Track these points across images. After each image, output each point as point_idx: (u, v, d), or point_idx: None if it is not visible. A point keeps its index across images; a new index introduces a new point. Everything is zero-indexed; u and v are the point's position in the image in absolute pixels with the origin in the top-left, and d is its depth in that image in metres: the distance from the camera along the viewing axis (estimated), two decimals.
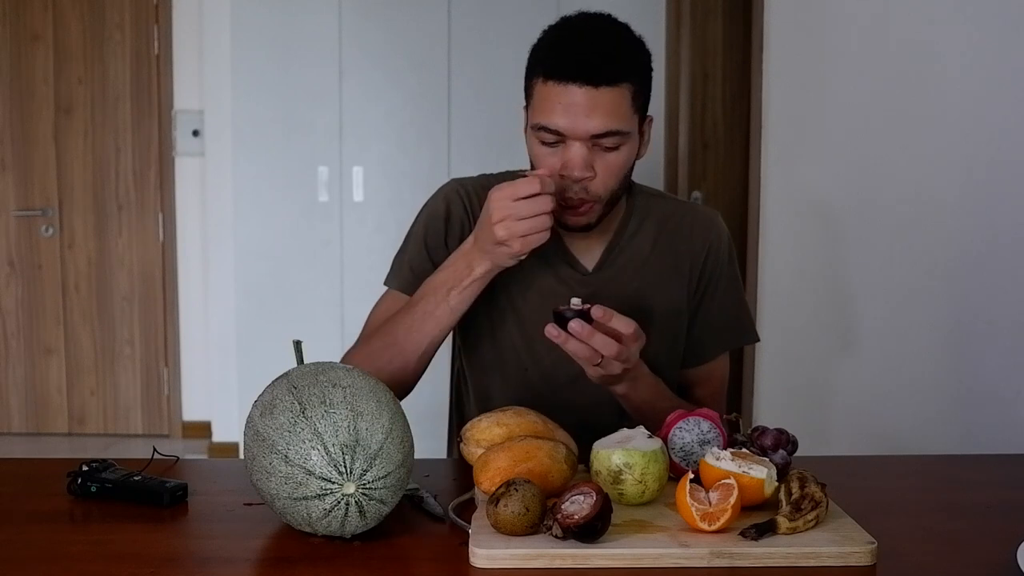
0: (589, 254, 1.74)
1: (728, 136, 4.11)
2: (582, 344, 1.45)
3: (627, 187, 1.68)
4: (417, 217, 1.80)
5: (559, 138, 1.54)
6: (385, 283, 1.79)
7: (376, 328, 1.71)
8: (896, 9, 2.51)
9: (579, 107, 1.51)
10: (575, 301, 1.47)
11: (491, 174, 1.82)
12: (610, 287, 1.73)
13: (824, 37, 2.90)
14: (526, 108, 1.64)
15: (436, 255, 1.73)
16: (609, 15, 1.61)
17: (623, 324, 1.47)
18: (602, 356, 1.46)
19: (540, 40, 1.61)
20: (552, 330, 1.45)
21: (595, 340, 1.44)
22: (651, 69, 1.62)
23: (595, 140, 1.54)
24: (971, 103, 2.15)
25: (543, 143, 1.57)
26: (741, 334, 1.86)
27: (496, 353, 1.76)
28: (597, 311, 1.44)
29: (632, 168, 1.64)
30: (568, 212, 1.61)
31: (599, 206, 1.61)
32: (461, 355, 1.85)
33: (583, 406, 1.60)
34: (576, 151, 1.54)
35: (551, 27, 1.61)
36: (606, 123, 1.52)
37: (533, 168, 1.63)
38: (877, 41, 2.59)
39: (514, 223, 1.48)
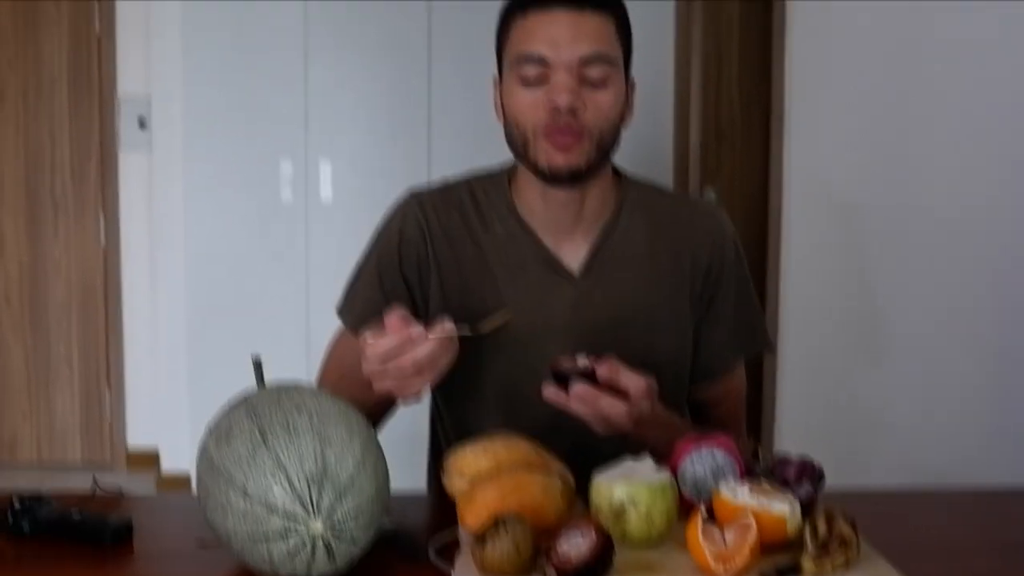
0: (574, 254, 1.74)
1: (745, 126, 4.12)
2: (586, 407, 1.46)
3: (615, 142, 1.68)
4: (371, 243, 1.83)
5: (543, 71, 1.59)
6: (338, 314, 1.81)
7: (329, 381, 1.76)
8: None
9: (564, 30, 1.58)
10: (581, 360, 1.47)
11: (451, 182, 1.83)
12: (599, 290, 1.72)
13: (854, 15, 2.91)
14: (499, 73, 1.69)
15: (390, 289, 1.76)
16: None
17: (632, 381, 1.47)
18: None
19: None
20: (551, 392, 1.46)
21: (601, 403, 1.45)
22: (629, 22, 1.68)
23: (582, 68, 1.58)
24: None
25: (525, 83, 1.61)
26: (755, 341, 1.87)
27: (474, 381, 1.74)
28: (603, 371, 1.44)
29: (620, 125, 1.67)
30: (556, 147, 1.61)
31: (589, 145, 1.62)
32: (432, 389, 1.86)
33: (579, 432, 1.58)
34: (562, 79, 1.58)
35: None
36: (592, 46, 1.59)
37: (511, 124, 1.65)
38: (915, 19, 2.59)
39: (381, 382, 1.46)
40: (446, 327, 1.44)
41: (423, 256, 1.76)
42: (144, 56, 4.88)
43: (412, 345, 1.42)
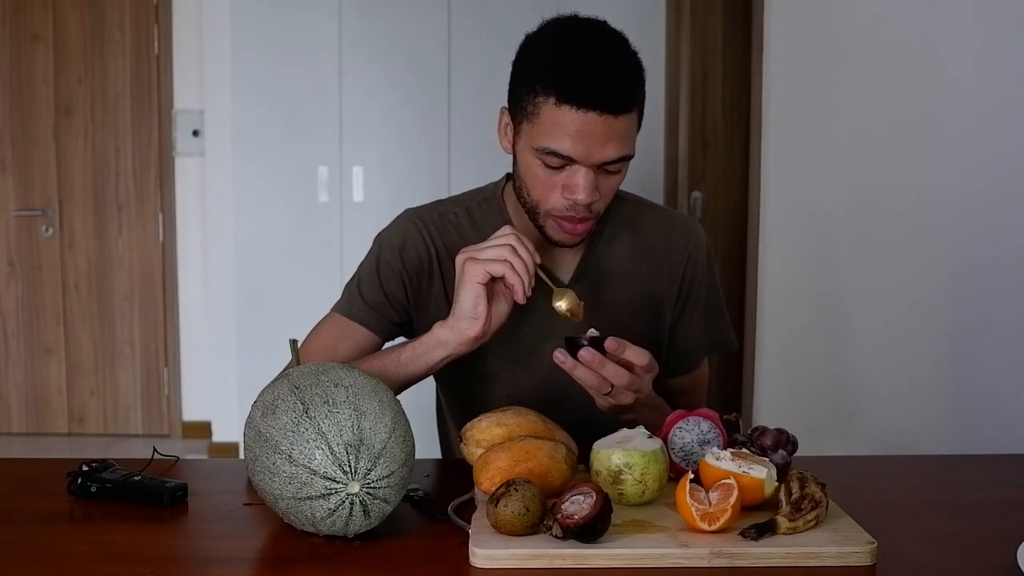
0: (564, 265, 1.70)
1: (728, 136, 4.11)
2: (591, 372, 1.43)
3: None
4: (373, 249, 1.76)
5: (566, 163, 1.50)
6: (335, 309, 1.75)
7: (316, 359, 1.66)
8: (898, 9, 2.51)
9: (596, 135, 1.46)
10: (592, 332, 1.45)
11: (445, 202, 1.78)
12: (588, 296, 1.66)
13: (825, 37, 2.90)
14: (511, 111, 1.59)
15: (389, 286, 1.70)
16: (605, 23, 1.55)
17: (636, 355, 1.44)
18: (612, 386, 1.44)
19: (543, 53, 1.53)
20: (560, 355, 1.43)
21: (607, 369, 1.42)
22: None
23: (604, 165, 1.51)
24: (973, 105, 2.15)
25: (547, 166, 1.52)
26: (722, 340, 1.84)
27: (474, 385, 1.71)
28: (611, 343, 1.41)
29: None
30: (565, 232, 1.59)
31: (593, 223, 1.60)
32: (438, 393, 1.84)
33: (581, 407, 1.57)
34: (584, 176, 1.50)
35: (553, 40, 1.54)
36: (619, 150, 1.49)
37: (521, 181, 1.60)
38: (879, 41, 2.59)
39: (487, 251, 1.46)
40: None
41: (426, 265, 1.70)
42: (198, 74, 4.90)
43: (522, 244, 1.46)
